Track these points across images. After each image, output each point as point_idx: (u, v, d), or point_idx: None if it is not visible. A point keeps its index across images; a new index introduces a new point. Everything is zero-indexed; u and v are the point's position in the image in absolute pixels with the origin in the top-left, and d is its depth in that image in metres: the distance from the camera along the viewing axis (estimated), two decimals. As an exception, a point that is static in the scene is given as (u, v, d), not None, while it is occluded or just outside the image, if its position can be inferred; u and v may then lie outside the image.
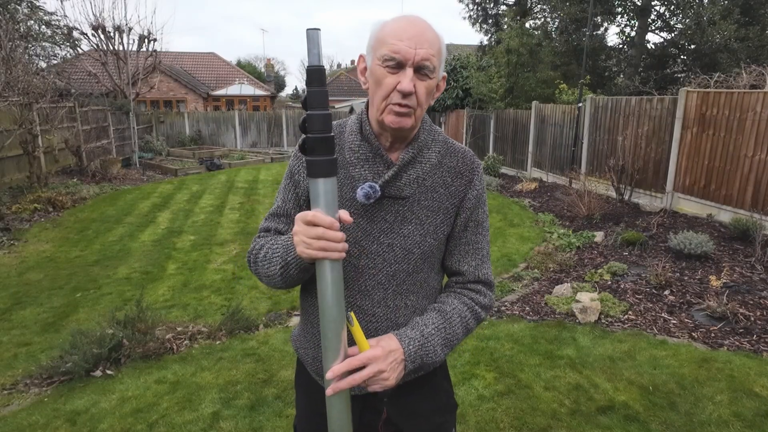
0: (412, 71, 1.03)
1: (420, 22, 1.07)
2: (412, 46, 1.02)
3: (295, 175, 1.20)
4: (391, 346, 1.04)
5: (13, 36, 9.98)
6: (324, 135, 0.92)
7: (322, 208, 0.94)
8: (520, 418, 2.77)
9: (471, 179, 1.19)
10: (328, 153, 0.93)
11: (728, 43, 11.76)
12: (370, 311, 1.14)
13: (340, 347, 0.99)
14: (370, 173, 1.12)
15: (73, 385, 3.16)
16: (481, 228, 1.22)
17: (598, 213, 6.94)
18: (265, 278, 1.15)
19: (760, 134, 5.91)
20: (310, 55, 0.90)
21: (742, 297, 4.26)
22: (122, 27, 14.89)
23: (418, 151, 1.14)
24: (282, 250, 1.08)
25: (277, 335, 3.83)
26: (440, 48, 1.07)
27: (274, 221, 1.24)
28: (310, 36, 0.89)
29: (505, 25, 15.31)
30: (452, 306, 1.17)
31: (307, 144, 0.93)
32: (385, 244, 1.13)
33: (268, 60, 35.47)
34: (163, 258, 5.92)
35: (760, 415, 2.74)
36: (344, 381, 0.98)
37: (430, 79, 1.06)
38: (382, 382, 1.01)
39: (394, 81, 1.03)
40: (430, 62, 1.03)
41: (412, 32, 1.03)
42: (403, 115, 1.06)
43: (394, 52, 1.02)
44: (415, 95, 1.04)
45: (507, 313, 4.22)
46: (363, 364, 0.99)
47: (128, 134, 14.71)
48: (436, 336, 1.11)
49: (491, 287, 1.25)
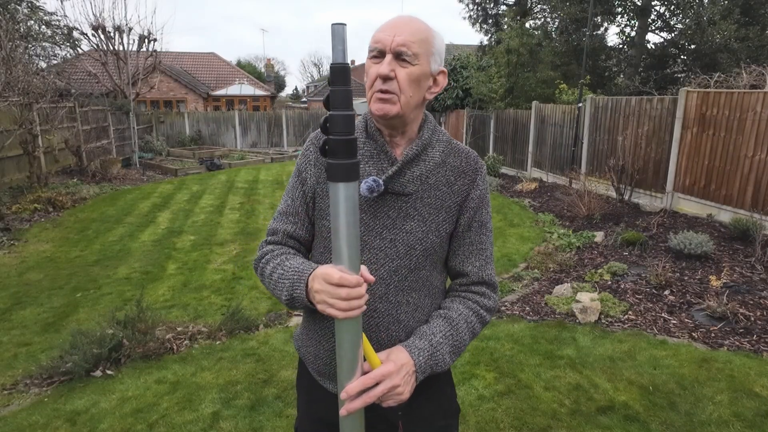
0: (392, 57, 1.05)
1: (407, 16, 1.09)
2: (391, 34, 1.05)
3: (302, 173, 1.21)
4: (402, 359, 1.03)
5: (13, 36, 9.98)
6: (347, 137, 0.88)
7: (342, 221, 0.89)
8: (520, 418, 2.77)
9: (474, 179, 1.20)
10: (351, 156, 0.88)
11: (728, 43, 11.75)
12: (371, 306, 1.14)
13: (356, 365, 0.95)
14: (374, 169, 1.14)
15: (73, 385, 3.15)
16: (484, 229, 1.22)
17: (598, 213, 6.94)
18: (271, 293, 1.16)
19: (760, 134, 5.91)
20: (335, 52, 0.86)
21: (742, 297, 4.25)
22: (122, 27, 14.89)
23: (422, 148, 1.15)
24: (289, 282, 1.06)
25: (277, 335, 3.83)
26: (426, 38, 1.08)
27: (282, 221, 1.23)
28: (335, 31, 0.85)
29: (505, 25, 15.30)
30: (458, 312, 1.17)
31: (329, 146, 0.88)
32: (387, 239, 1.13)
33: (268, 60, 35.49)
34: (163, 258, 5.92)
35: (760, 415, 2.74)
36: (358, 400, 0.96)
37: (412, 66, 1.06)
38: (396, 398, 1.00)
39: (376, 69, 1.06)
40: (407, 47, 1.05)
41: (393, 23, 1.07)
42: (384, 101, 1.07)
43: (376, 41, 1.06)
44: (397, 81, 1.05)
45: (507, 313, 4.22)
46: (376, 381, 0.97)
47: (128, 134, 14.71)
48: (445, 344, 1.11)
49: (495, 289, 1.25)
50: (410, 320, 1.16)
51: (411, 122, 1.15)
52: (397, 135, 1.16)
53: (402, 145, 1.17)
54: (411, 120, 1.14)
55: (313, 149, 1.21)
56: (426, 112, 1.21)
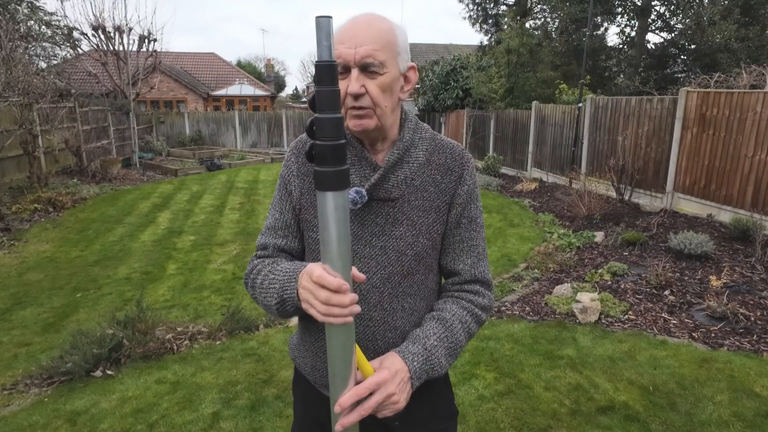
0: (358, 71, 1.00)
1: (364, 18, 1.04)
2: (351, 47, 0.99)
3: (288, 185, 1.17)
4: (396, 366, 1.00)
5: (14, 36, 9.99)
6: (336, 142, 0.80)
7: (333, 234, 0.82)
8: (521, 418, 2.77)
9: (461, 174, 1.16)
10: (340, 162, 0.80)
11: (728, 43, 11.75)
12: (366, 315, 1.11)
13: (349, 375, 0.91)
14: (356, 177, 1.10)
15: (73, 386, 3.16)
16: (474, 224, 1.18)
17: (598, 213, 6.94)
18: (262, 306, 1.11)
19: (760, 134, 5.91)
20: (320, 48, 0.76)
21: (743, 297, 4.25)
22: (122, 27, 14.86)
23: (404, 151, 1.11)
24: (279, 284, 1.03)
25: (277, 335, 3.83)
26: (388, 40, 1.03)
27: (271, 236, 1.19)
28: (320, 25, 0.75)
29: (505, 25, 15.31)
30: (452, 312, 1.13)
31: (317, 152, 0.80)
32: (377, 247, 1.10)
33: (268, 60, 35.47)
34: (164, 258, 5.92)
35: (760, 415, 2.74)
36: (353, 414, 0.92)
37: (381, 75, 1.02)
38: (392, 407, 0.96)
39: (345, 86, 1.00)
40: (372, 58, 0.99)
41: (352, 32, 1.01)
42: (362, 117, 1.03)
43: (337, 56, 0.98)
44: (368, 95, 1.01)
45: (507, 313, 4.22)
46: (370, 391, 0.93)
47: (128, 134, 14.71)
48: (440, 347, 1.07)
49: (489, 286, 1.21)
50: (407, 326, 1.14)
51: (390, 127, 1.11)
52: (378, 141, 1.12)
53: (383, 150, 1.13)
54: (390, 125, 1.10)
55: (294, 159, 1.17)
56: (406, 111, 1.17)
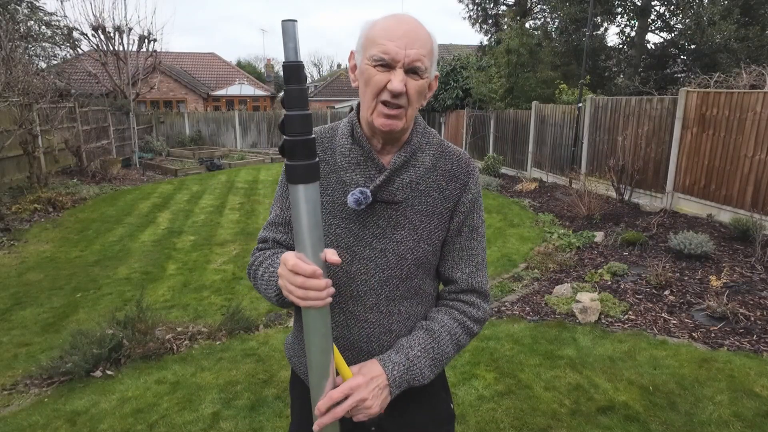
0: (403, 72, 1.01)
1: (410, 20, 1.04)
2: (402, 47, 1.00)
3: None
4: (373, 372, 1.02)
5: (13, 36, 9.98)
6: (303, 137, 0.85)
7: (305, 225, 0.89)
8: (521, 418, 2.77)
9: (466, 182, 1.16)
10: (309, 157, 0.86)
11: (728, 43, 11.74)
12: (362, 316, 1.11)
13: (327, 380, 0.97)
14: (361, 177, 1.10)
15: (73, 386, 3.16)
16: (475, 234, 1.18)
17: (598, 213, 6.94)
18: (264, 297, 1.15)
19: (760, 134, 5.91)
20: (287, 50, 0.83)
21: (742, 297, 4.25)
22: (122, 27, 14.86)
23: (411, 154, 1.11)
24: (277, 276, 1.06)
25: (277, 335, 3.83)
26: (432, 48, 1.05)
27: (272, 231, 1.22)
28: (285, 29, 0.82)
29: (505, 25, 15.30)
30: (441, 323, 1.13)
31: (286, 147, 0.86)
32: (377, 249, 1.10)
33: (268, 60, 35.49)
34: (163, 258, 5.92)
35: (760, 415, 2.74)
36: (327, 415, 0.96)
37: (422, 80, 1.04)
38: (365, 411, 0.99)
39: (384, 78, 1.01)
40: (421, 63, 1.01)
41: (401, 32, 1.01)
42: (392, 117, 1.04)
43: (384, 52, 1.00)
44: (406, 95, 1.02)
45: (507, 313, 4.22)
46: (345, 395, 0.97)
47: (128, 134, 14.71)
48: (423, 358, 1.08)
49: (486, 297, 1.19)
50: (402, 330, 1.14)
51: (407, 130, 1.12)
52: (390, 143, 1.12)
53: (392, 151, 1.13)
54: (408, 128, 1.11)
55: None
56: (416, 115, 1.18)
